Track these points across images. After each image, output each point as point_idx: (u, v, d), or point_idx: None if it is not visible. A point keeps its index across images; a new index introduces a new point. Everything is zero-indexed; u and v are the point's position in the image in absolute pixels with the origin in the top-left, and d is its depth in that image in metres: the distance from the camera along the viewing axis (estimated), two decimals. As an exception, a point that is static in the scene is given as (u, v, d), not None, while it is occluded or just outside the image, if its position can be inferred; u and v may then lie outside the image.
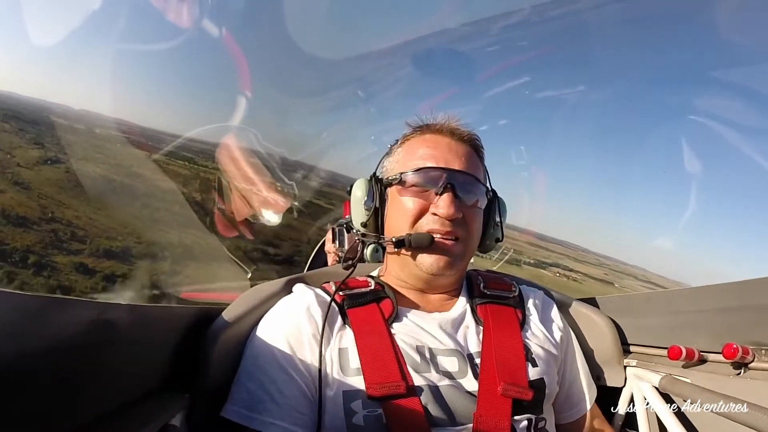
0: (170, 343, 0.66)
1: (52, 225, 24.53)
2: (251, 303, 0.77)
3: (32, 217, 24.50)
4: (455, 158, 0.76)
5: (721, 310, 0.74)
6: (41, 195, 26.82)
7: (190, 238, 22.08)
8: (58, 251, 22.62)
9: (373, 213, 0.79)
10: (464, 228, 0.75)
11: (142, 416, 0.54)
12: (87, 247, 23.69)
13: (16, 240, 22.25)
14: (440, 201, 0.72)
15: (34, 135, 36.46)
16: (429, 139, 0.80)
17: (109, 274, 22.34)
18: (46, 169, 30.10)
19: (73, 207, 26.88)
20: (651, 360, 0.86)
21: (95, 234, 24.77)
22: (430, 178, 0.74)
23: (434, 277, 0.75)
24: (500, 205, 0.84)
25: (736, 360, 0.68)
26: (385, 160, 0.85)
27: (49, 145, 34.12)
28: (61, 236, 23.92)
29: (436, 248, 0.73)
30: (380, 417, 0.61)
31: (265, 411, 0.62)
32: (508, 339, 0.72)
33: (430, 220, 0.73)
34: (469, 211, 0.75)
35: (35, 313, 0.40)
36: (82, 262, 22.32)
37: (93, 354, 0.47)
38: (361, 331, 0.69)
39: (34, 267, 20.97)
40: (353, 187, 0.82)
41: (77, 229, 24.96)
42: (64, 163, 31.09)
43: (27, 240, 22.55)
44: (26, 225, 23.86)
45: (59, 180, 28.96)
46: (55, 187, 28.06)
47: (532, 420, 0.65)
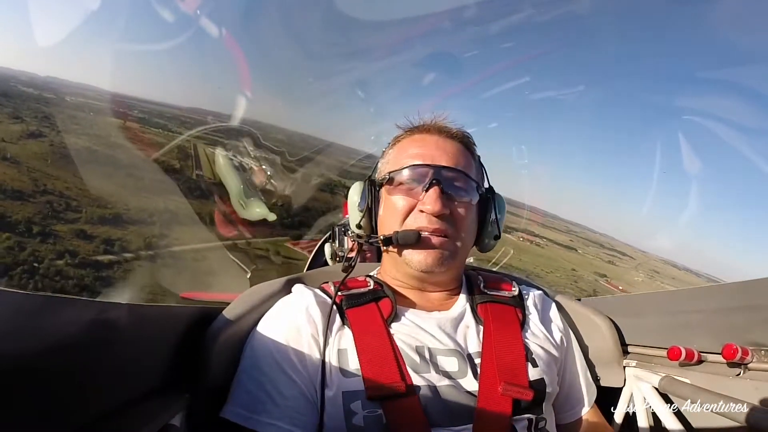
0: (170, 343, 0.66)
1: (46, 197, 25.96)
2: (251, 303, 0.77)
3: (27, 191, 25.85)
4: (442, 155, 0.76)
5: (721, 310, 0.74)
6: (30, 169, 28.22)
7: (174, 204, 24.30)
8: (56, 221, 24.46)
9: (366, 214, 0.80)
10: (453, 224, 0.74)
11: (142, 416, 0.54)
12: (82, 215, 25.46)
13: (17, 212, 23.85)
14: (426, 197, 0.72)
15: (11, 108, 37.54)
16: (417, 139, 0.80)
17: (107, 238, 24.56)
18: (31, 143, 31.17)
19: (62, 179, 28.18)
20: (650, 360, 0.86)
21: (87, 203, 26.27)
22: (416, 175, 0.75)
23: (426, 275, 0.75)
24: (497, 202, 0.82)
25: (735, 360, 0.68)
26: (379, 162, 0.86)
27: (28, 119, 35.07)
28: (56, 207, 25.51)
29: (424, 245, 0.73)
30: (380, 417, 0.60)
31: (265, 412, 0.62)
32: (509, 339, 0.72)
33: (418, 218, 0.73)
34: (458, 207, 0.75)
35: (34, 312, 0.40)
36: (81, 229, 24.27)
37: (92, 354, 0.47)
38: (361, 332, 0.69)
39: (40, 236, 22.92)
40: (350, 190, 0.85)
41: (69, 199, 26.38)
42: (47, 136, 32.13)
43: (26, 212, 24.12)
44: (23, 198, 25.32)
45: (45, 153, 30.31)
46: (42, 160, 29.19)
47: (532, 420, 0.65)
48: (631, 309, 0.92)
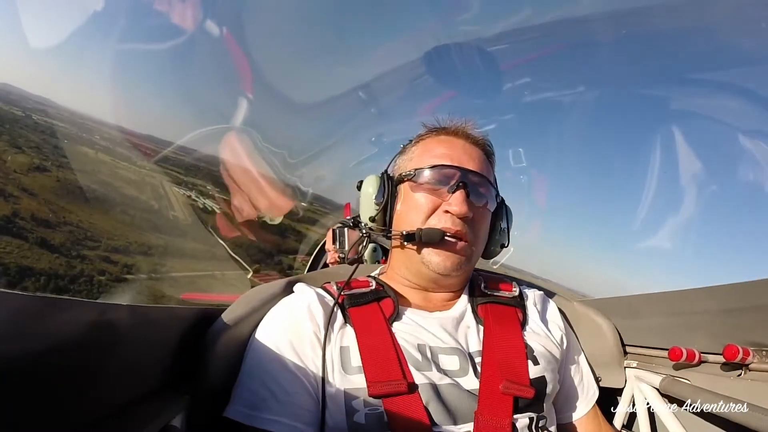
0: (171, 344, 0.66)
1: (68, 227, 29.50)
2: (252, 304, 0.77)
3: (52, 221, 28.77)
4: (469, 159, 0.77)
5: (722, 311, 0.74)
6: (47, 201, 30.34)
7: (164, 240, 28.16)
8: (81, 247, 27.67)
9: (382, 208, 0.80)
10: (472, 229, 0.75)
11: (143, 417, 0.54)
12: (101, 244, 28.73)
13: (54, 238, 26.74)
14: (453, 199, 0.73)
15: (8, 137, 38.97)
16: (444, 140, 0.81)
17: (125, 264, 28.39)
18: (39, 176, 33.12)
19: (74, 212, 30.25)
20: (651, 361, 0.86)
21: (100, 234, 29.14)
22: (444, 176, 0.75)
23: (441, 277, 0.75)
24: (507, 212, 0.85)
25: (736, 361, 0.68)
26: (398, 158, 0.86)
27: (28, 150, 36.66)
28: (77, 236, 28.58)
29: (445, 246, 0.73)
30: (381, 415, 0.61)
31: (268, 409, 0.62)
32: (509, 338, 0.72)
33: (442, 218, 0.74)
34: (479, 212, 0.76)
35: (36, 313, 0.40)
36: (104, 255, 27.74)
37: (93, 355, 0.47)
38: (363, 330, 0.69)
39: (78, 258, 26.50)
40: (363, 183, 0.83)
41: (85, 230, 29.47)
42: (50, 171, 34.27)
43: (59, 239, 27.06)
44: (51, 227, 28.16)
45: (53, 187, 32.29)
46: (52, 193, 31.42)
47: (533, 418, 0.65)
48: (632, 309, 0.92)
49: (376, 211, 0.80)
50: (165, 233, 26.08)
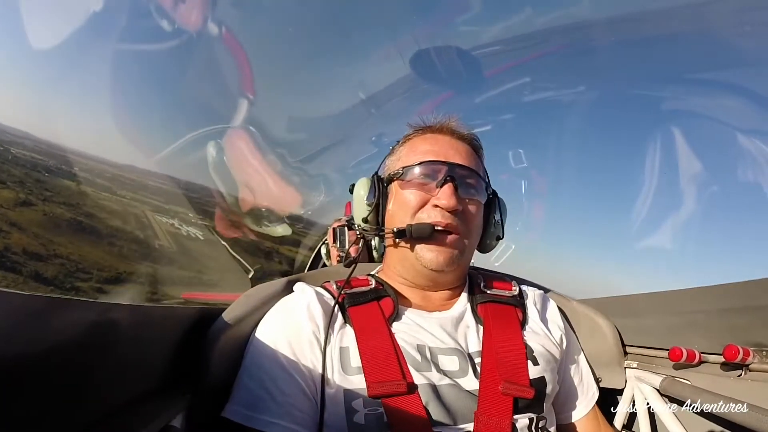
0: (171, 344, 0.66)
1: (59, 260, 29.60)
2: (252, 303, 0.77)
3: (43, 254, 29.13)
4: (456, 154, 0.78)
5: (722, 311, 0.74)
6: (36, 235, 30.85)
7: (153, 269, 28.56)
8: (75, 279, 27.39)
9: (374, 209, 0.80)
10: (464, 222, 0.75)
11: (143, 417, 0.54)
12: (93, 275, 28.87)
13: (47, 271, 26.47)
14: (441, 193, 0.73)
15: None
16: (429, 138, 0.82)
17: (118, 293, 27.30)
18: (26, 210, 33.65)
19: (63, 245, 30.88)
20: (652, 361, 0.86)
21: (91, 265, 29.64)
22: (431, 171, 0.75)
23: (436, 274, 0.75)
24: (500, 204, 0.85)
25: (736, 361, 0.68)
26: (387, 159, 0.87)
27: (12, 185, 37.19)
28: (69, 268, 28.73)
29: (437, 241, 0.73)
30: (381, 416, 0.61)
31: (266, 410, 0.62)
32: (509, 338, 0.72)
33: (431, 213, 0.74)
34: (469, 205, 0.76)
35: (36, 313, 0.40)
36: (97, 286, 27.34)
37: (94, 354, 0.47)
38: (362, 331, 0.69)
39: (72, 290, 25.63)
40: (355, 186, 0.85)
41: (76, 263, 29.62)
42: (36, 205, 34.78)
43: (51, 272, 26.79)
44: (43, 260, 28.29)
45: (41, 221, 32.88)
46: (40, 227, 32.05)
47: (533, 419, 0.65)
48: (632, 310, 0.92)
49: (368, 212, 0.81)
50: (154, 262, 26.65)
